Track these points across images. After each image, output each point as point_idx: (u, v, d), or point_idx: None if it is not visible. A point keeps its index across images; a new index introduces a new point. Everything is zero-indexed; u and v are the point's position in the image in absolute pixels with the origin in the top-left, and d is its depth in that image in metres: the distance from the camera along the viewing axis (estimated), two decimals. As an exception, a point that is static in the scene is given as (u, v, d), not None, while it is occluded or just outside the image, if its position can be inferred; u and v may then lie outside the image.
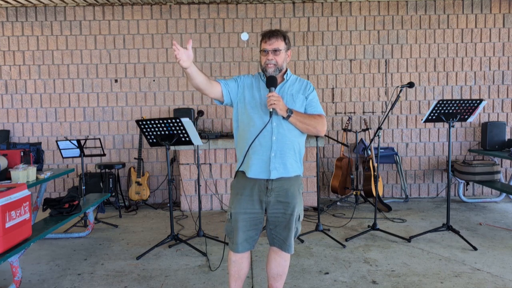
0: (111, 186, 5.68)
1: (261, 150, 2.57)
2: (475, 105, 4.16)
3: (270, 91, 2.52)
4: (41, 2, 5.82)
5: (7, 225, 2.88)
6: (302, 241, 4.36)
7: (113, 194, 5.71)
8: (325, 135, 5.18)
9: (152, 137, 3.94)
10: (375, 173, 5.53)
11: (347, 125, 5.82)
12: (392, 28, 6.20)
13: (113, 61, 6.13)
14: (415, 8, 6.19)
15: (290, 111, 2.51)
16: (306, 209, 5.59)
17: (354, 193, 5.82)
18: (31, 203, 3.28)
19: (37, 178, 3.98)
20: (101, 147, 5.13)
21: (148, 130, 3.88)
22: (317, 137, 4.65)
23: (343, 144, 5.65)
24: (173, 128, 3.83)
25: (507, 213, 5.49)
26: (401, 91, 4.50)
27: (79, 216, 4.58)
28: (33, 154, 4.34)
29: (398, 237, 4.42)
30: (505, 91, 6.31)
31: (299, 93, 2.64)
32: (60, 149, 4.84)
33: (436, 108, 4.17)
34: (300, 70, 6.21)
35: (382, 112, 6.26)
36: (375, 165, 5.56)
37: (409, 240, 4.33)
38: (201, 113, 5.51)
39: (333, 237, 4.41)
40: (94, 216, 4.93)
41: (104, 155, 5.21)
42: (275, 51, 2.58)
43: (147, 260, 3.94)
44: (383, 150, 6.12)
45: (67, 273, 3.68)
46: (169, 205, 4.49)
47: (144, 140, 5.90)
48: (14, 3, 5.80)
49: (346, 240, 4.39)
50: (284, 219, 2.60)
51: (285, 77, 2.66)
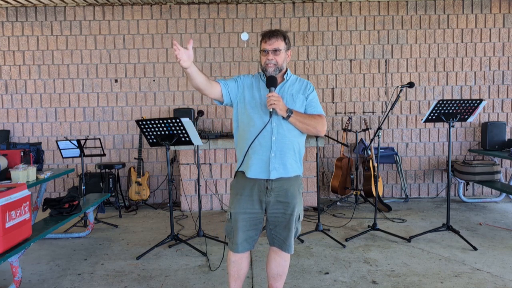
0: (111, 186, 5.68)
1: (261, 150, 2.57)
2: (475, 105, 4.16)
3: (270, 91, 2.52)
4: (41, 2, 5.82)
5: (7, 225, 2.88)
6: (302, 241, 4.36)
7: (113, 194, 5.71)
8: (325, 135, 5.18)
9: (152, 137, 3.94)
10: (375, 173, 5.53)
11: (347, 125, 5.82)
12: (392, 28, 6.20)
13: (113, 61, 6.13)
14: (415, 8, 6.19)
15: (290, 111, 2.51)
16: (306, 209, 5.59)
17: (354, 193, 5.82)
18: (31, 203, 3.28)
19: (37, 178, 3.98)
20: (101, 147, 5.13)
21: (148, 130, 3.88)
22: (317, 137, 4.64)
23: (343, 144, 5.65)
24: (173, 128, 3.83)
25: (507, 213, 5.49)
26: (401, 91, 4.50)
27: (79, 216, 4.58)
28: (33, 154, 4.34)
29: (398, 237, 4.42)
30: (505, 91, 6.31)
31: (299, 93, 2.64)
32: (60, 149, 4.84)
33: (436, 108, 4.17)
34: (300, 70, 6.21)
35: (382, 112, 6.26)
36: (375, 165, 5.56)
37: (409, 240, 4.34)
38: (201, 113, 5.51)
39: (333, 237, 4.41)
40: (94, 216, 4.93)
41: (104, 155, 5.21)
42: (275, 51, 2.58)
43: (147, 260, 3.94)
44: (383, 150, 6.12)
45: (67, 273, 3.68)
46: (169, 205, 4.49)
47: (144, 140, 5.90)
48: (14, 3, 5.80)
49: (346, 240, 4.39)
50: (284, 219, 2.61)
51: (285, 77, 2.66)
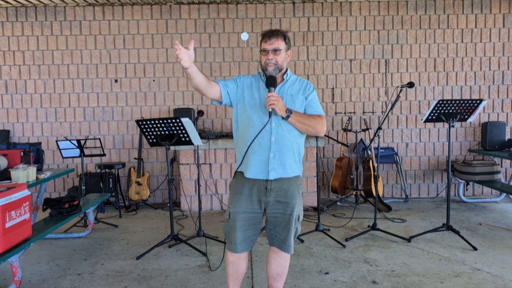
0: (111, 186, 5.68)
1: (260, 151, 2.56)
2: (475, 105, 4.16)
3: (269, 91, 2.52)
4: (41, 2, 5.82)
5: (7, 225, 2.88)
6: (302, 241, 4.36)
7: (113, 194, 5.71)
8: (325, 135, 5.18)
9: (152, 137, 3.94)
10: (375, 173, 5.52)
11: (347, 125, 5.82)
12: (392, 28, 6.20)
13: (113, 61, 6.13)
14: (415, 8, 6.19)
15: (289, 111, 2.51)
16: (306, 209, 5.59)
17: (354, 193, 5.82)
18: (31, 203, 3.28)
19: (37, 178, 3.98)
20: (101, 147, 5.13)
21: (148, 130, 3.88)
22: (317, 137, 4.64)
23: (343, 144, 5.65)
24: (173, 128, 3.83)
25: (507, 213, 5.48)
26: (401, 91, 4.50)
27: (79, 216, 4.58)
28: (33, 154, 4.34)
29: (398, 237, 4.42)
30: (505, 91, 6.31)
31: (298, 93, 2.63)
32: (60, 149, 4.84)
33: (436, 108, 4.17)
34: (300, 70, 6.21)
35: (382, 112, 6.26)
36: (375, 165, 5.56)
37: (409, 240, 4.34)
38: (201, 113, 5.51)
39: (333, 237, 4.41)
40: (94, 216, 4.93)
41: (104, 155, 5.21)
42: (275, 50, 2.57)
43: (147, 260, 3.94)
44: (383, 150, 6.12)
45: (67, 273, 3.68)
46: (169, 205, 4.49)
47: (144, 140, 5.90)
48: (14, 3, 5.80)
49: (346, 240, 4.39)
50: (284, 219, 2.60)
51: (285, 77, 2.66)
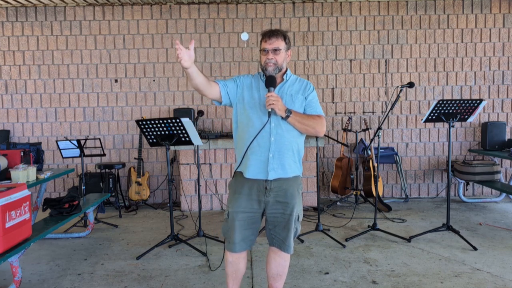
0: (111, 186, 5.68)
1: (259, 151, 2.56)
2: (475, 105, 4.16)
3: (269, 91, 2.52)
4: (41, 2, 5.82)
5: (7, 225, 2.88)
6: (302, 241, 4.36)
7: (113, 194, 5.71)
8: (325, 135, 5.19)
9: (152, 137, 3.94)
10: (375, 173, 5.52)
11: (347, 125, 5.82)
12: (392, 28, 6.20)
13: (113, 61, 6.13)
14: (415, 8, 6.19)
15: (289, 112, 2.51)
16: (306, 209, 5.59)
17: (354, 193, 5.82)
18: (31, 203, 3.28)
19: (37, 178, 3.98)
20: (101, 147, 5.13)
21: (148, 130, 3.88)
22: (317, 137, 4.64)
23: (343, 144, 5.65)
24: (173, 128, 3.83)
25: (507, 213, 5.48)
26: (401, 91, 4.50)
27: (79, 216, 4.58)
28: (33, 154, 4.34)
29: (398, 237, 4.42)
30: (505, 91, 6.31)
31: (298, 94, 2.63)
32: (60, 149, 4.84)
33: (436, 108, 4.17)
34: (300, 70, 6.21)
35: (382, 112, 6.26)
36: (375, 165, 5.56)
37: (409, 240, 4.33)
38: (201, 113, 5.51)
39: (333, 237, 4.41)
40: (94, 216, 4.93)
41: (104, 155, 5.21)
42: (275, 50, 2.57)
43: (147, 260, 3.94)
44: (383, 150, 6.12)
45: (67, 273, 3.68)
46: (169, 205, 4.49)
47: (144, 140, 5.90)
48: (14, 3, 5.80)
49: (346, 240, 4.39)
50: (283, 219, 2.60)
51: (284, 77, 2.65)
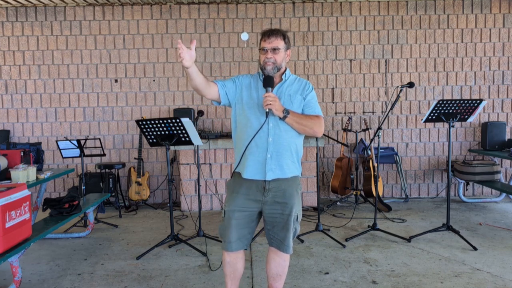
0: (111, 186, 5.68)
1: (257, 151, 2.56)
2: (475, 105, 4.16)
3: (266, 91, 2.51)
4: (41, 2, 5.82)
5: (7, 225, 2.88)
6: (302, 241, 4.36)
7: (113, 194, 5.71)
8: (325, 135, 5.19)
9: (152, 137, 3.94)
10: (375, 173, 5.52)
11: (347, 125, 5.82)
12: (392, 28, 6.20)
13: (113, 61, 6.13)
14: (415, 8, 6.19)
15: (286, 112, 2.50)
16: (306, 209, 5.60)
17: (354, 193, 5.82)
18: (31, 203, 3.28)
19: (37, 178, 3.98)
20: (101, 147, 5.13)
21: (148, 130, 3.88)
22: (316, 137, 4.64)
23: (343, 144, 5.65)
24: (173, 128, 3.83)
25: (507, 213, 5.48)
26: (401, 91, 4.50)
27: (79, 216, 4.58)
28: (33, 154, 4.34)
29: (398, 237, 4.42)
30: (505, 91, 6.30)
31: (297, 94, 2.62)
32: (60, 149, 4.84)
33: (436, 108, 4.17)
34: (300, 70, 6.21)
35: (382, 112, 6.26)
36: (375, 165, 5.56)
37: (409, 240, 4.33)
38: (201, 113, 5.51)
39: (333, 237, 4.41)
40: (94, 216, 4.93)
41: (104, 155, 5.21)
42: (274, 49, 2.56)
43: (147, 260, 3.94)
44: (383, 150, 6.11)
45: (67, 273, 3.68)
46: (169, 205, 4.49)
47: (144, 140, 5.90)
48: (14, 3, 5.80)
49: (346, 240, 4.39)
50: (282, 219, 2.59)
51: (283, 77, 2.65)
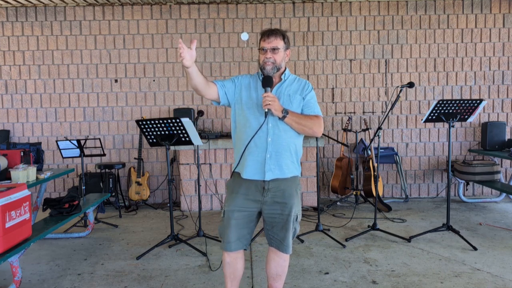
0: (111, 186, 5.68)
1: (256, 152, 2.56)
2: (475, 105, 4.16)
3: (265, 91, 2.51)
4: (41, 2, 5.82)
5: (7, 225, 2.88)
6: (302, 241, 4.36)
7: (113, 194, 5.71)
8: (325, 135, 5.18)
9: (152, 137, 3.94)
10: (375, 173, 5.52)
11: (347, 125, 5.82)
12: (392, 28, 6.20)
13: (113, 61, 6.13)
14: (415, 8, 6.19)
15: (285, 112, 2.49)
16: (306, 209, 5.60)
17: (354, 193, 5.82)
18: (31, 203, 3.28)
19: (37, 178, 3.98)
20: (101, 147, 5.13)
21: (148, 130, 3.88)
22: (316, 137, 4.64)
23: (343, 144, 5.65)
24: (173, 128, 3.83)
25: (507, 213, 5.48)
26: (401, 91, 4.50)
27: (79, 216, 4.58)
28: (33, 154, 4.34)
29: (398, 237, 4.42)
30: (505, 91, 6.30)
31: (296, 94, 2.62)
32: (60, 149, 4.84)
33: (436, 108, 4.17)
34: (300, 70, 6.21)
35: (382, 112, 6.26)
36: (375, 165, 5.56)
37: (409, 240, 4.33)
38: (201, 113, 5.51)
39: (333, 237, 4.41)
40: (94, 216, 4.93)
41: (104, 155, 5.21)
42: (274, 49, 2.56)
43: (147, 260, 3.94)
44: (383, 150, 6.11)
45: (67, 273, 3.68)
46: (169, 205, 4.49)
47: (144, 140, 5.90)
48: (14, 3, 5.80)
49: (346, 240, 4.39)
50: (281, 219, 2.59)
51: (282, 77, 2.64)
